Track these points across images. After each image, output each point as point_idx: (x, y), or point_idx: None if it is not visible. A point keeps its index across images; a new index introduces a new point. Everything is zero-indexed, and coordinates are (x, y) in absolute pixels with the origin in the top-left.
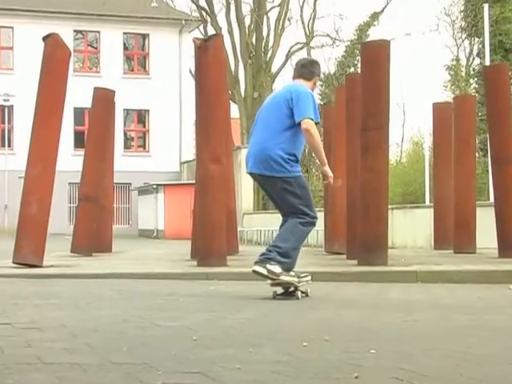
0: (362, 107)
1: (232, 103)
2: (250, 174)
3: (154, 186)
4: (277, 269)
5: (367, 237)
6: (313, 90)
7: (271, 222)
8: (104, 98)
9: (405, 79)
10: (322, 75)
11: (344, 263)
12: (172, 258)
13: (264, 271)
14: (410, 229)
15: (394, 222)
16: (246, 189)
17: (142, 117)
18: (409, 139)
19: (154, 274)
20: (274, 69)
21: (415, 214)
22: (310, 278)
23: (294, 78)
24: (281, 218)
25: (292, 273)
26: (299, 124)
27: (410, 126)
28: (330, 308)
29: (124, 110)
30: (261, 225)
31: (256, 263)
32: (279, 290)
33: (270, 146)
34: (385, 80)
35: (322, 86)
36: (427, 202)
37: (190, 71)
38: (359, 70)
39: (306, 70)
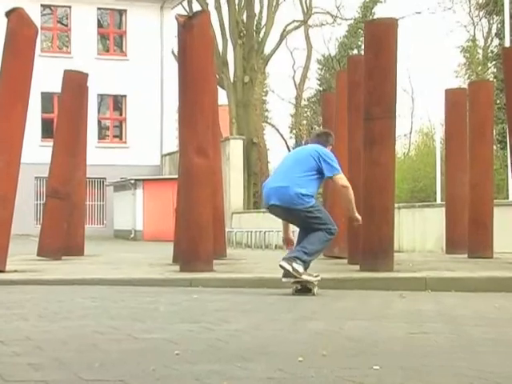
0: (365, 94)
1: (220, 88)
2: (273, 205)
3: (132, 182)
4: (300, 268)
5: (371, 239)
6: None
7: (263, 222)
8: (75, 82)
9: (414, 62)
10: (321, 58)
11: (345, 269)
12: (151, 262)
13: (290, 268)
14: (418, 230)
15: (401, 223)
16: (235, 185)
17: (118, 103)
18: (418, 130)
19: (131, 280)
20: (267, 50)
21: (425, 214)
22: (320, 277)
23: (312, 143)
24: (271, 217)
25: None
26: (329, 177)
27: (419, 115)
28: (329, 319)
29: (98, 95)
30: (252, 225)
31: (284, 259)
32: (298, 286)
33: (293, 186)
34: (391, 63)
35: (321, 69)
36: (438, 201)
37: (173, 52)
38: (363, 52)
39: (322, 139)
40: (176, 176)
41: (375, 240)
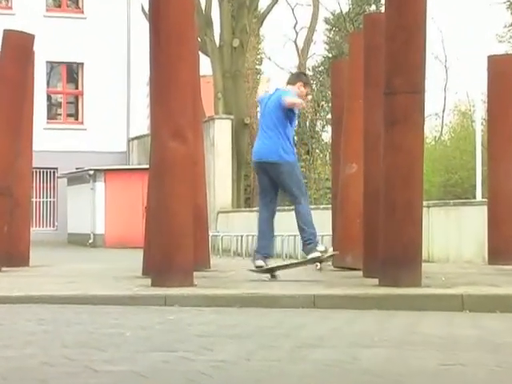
0: (386, 61)
1: (202, 55)
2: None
3: (91, 173)
4: (322, 247)
5: (393, 246)
6: (299, 95)
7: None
8: (18, 46)
9: (448, 22)
10: (330, 16)
11: (359, 283)
12: (116, 274)
13: (318, 254)
14: (453, 235)
15: (432, 226)
16: (221, 177)
17: (73, 73)
18: (453, 108)
19: (90, 298)
20: (261, 6)
21: (461, 214)
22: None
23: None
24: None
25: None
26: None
27: (454, 89)
28: (340, 346)
29: (47, 62)
30: (243, 228)
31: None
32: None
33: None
34: (419, 22)
35: (330, 31)
36: (479, 198)
37: (143, 9)
38: (383, 9)
39: (292, 76)
40: (147, 166)
41: (398, 247)
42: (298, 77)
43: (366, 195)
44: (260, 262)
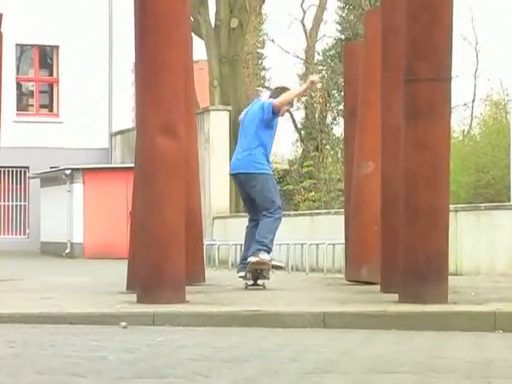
0: (407, 44)
1: (195, 37)
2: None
3: (67, 173)
4: (266, 256)
5: (415, 256)
6: (281, 110)
7: None
8: None
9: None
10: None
11: (377, 299)
12: (96, 289)
13: (257, 259)
14: (485, 243)
15: (460, 233)
16: (217, 177)
17: (47, 58)
18: (485, 97)
19: (67, 317)
20: None
21: (494, 220)
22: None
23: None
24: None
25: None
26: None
27: (486, 76)
28: (355, 372)
29: (17, 46)
30: (242, 236)
31: (250, 256)
32: (249, 282)
33: None
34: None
35: (342, 9)
36: None
37: None
38: None
39: (276, 91)
40: (132, 164)
41: (421, 257)
42: (282, 91)
43: (384, 198)
44: (243, 274)
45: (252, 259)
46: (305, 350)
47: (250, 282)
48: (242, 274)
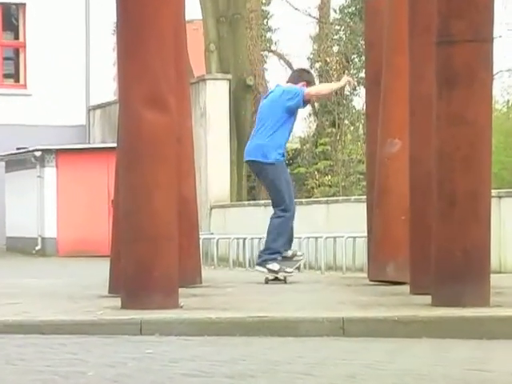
0: None
1: None
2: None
3: (37, 154)
4: (275, 266)
5: (451, 252)
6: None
7: (265, 222)
8: None
9: None
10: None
11: (405, 302)
12: (73, 292)
13: (265, 270)
14: None
15: (504, 223)
16: (216, 159)
17: (11, 18)
18: None
19: (39, 325)
20: None
21: None
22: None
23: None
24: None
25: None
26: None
27: None
28: None
29: None
30: (245, 228)
31: (256, 265)
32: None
33: None
34: None
35: None
36: None
37: None
38: None
39: (294, 74)
40: (114, 144)
41: (458, 253)
42: (300, 75)
43: (414, 183)
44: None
45: (259, 269)
46: (320, 363)
47: (272, 277)
48: (274, 266)
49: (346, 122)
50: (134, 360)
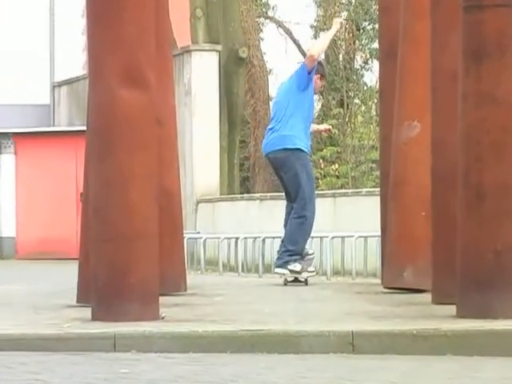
0: None
1: None
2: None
3: None
4: (297, 267)
5: (479, 254)
6: (315, 89)
7: (261, 219)
8: None
9: None
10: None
11: (426, 313)
12: (35, 301)
13: (287, 272)
14: None
15: None
16: (202, 145)
17: None
18: None
19: None
20: None
21: None
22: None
23: None
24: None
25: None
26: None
27: None
28: None
29: None
30: (237, 226)
31: (277, 267)
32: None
33: None
34: None
35: None
36: None
37: None
38: None
39: None
40: (83, 127)
41: (487, 255)
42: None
43: (436, 172)
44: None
45: (280, 271)
46: (324, 382)
47: (291, 278)
48: (296, 267)
49: (356, 101)
50: (106, 381)
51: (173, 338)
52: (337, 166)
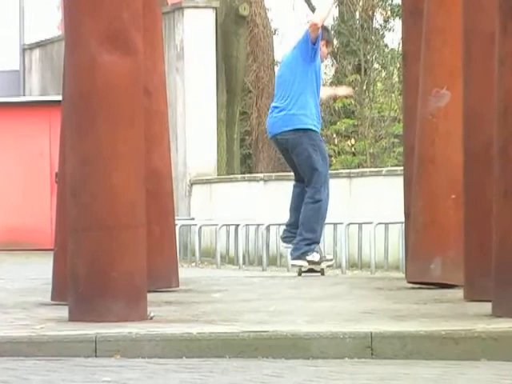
0: None
1: None
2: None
3: None
4: (316, 256)
5: None
6: (321, 56)
7: (264, 201)
8: None
9: None
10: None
11: (457, 311)
12: (4, 299)
13: (305, 263)
14: None
15: None
16: (197, 117)
17: None
18: None
19: None
20: None
21: None
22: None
23: None
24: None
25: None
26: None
27: None
28: None
29: None
30: (237, 211)
31: (294, 257)
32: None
33: None
34: None
35: None
36: None
37: None
38: None
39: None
40: (58, 97)
41: None
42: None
43: (468, 149)
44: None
45: (298, 263)
46: None
47: (305, 268)
48: (315, 257)
49: (376, 65)
50: None
51: (163, 340)
52: (353, 141)
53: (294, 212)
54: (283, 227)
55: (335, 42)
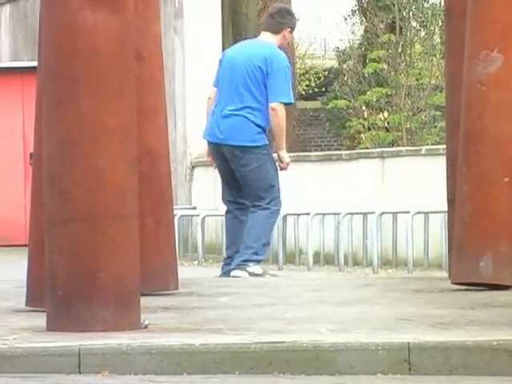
0: None
1: None
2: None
3: None
4: (258, 269)
5: None
6: (283, 45)
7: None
8: None
9: None
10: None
11: (511, 318)
12: None
13: (246, 275)
14: None
15: None
16: (198, 87)
17: None
18: None
19: None
20: None
21: None
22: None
23: (262, 30)
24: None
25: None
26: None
27: None
28: None
29: None
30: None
31: (234, 268)
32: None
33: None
34: None
35: None
36: None
37: None
38: None
39: (274, 21)
40: (33, 63)
41: None
42: (282, 22)
43: None
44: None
45: (237, 274)
46: None
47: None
48: (257, 270)
49: (414, 23)
50: None
51: (160, 354)
52: (386, 114)
53: (232, 246)
54: (303, 217)
55: None
